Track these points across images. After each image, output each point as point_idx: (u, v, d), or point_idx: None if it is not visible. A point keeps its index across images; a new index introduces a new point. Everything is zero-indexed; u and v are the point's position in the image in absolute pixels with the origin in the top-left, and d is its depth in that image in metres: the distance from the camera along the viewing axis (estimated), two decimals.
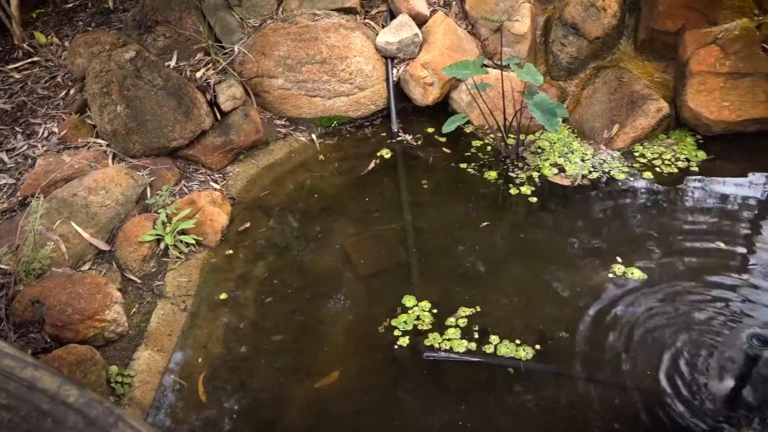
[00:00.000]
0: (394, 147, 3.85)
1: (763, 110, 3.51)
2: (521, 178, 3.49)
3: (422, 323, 2.67)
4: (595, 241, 3.06)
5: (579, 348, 2.54)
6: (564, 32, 4.03)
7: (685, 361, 2.45)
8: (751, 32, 3.63)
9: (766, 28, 3.66)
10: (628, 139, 3.62)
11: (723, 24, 3.75)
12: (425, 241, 3.15)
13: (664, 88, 3.84)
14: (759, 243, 2.99)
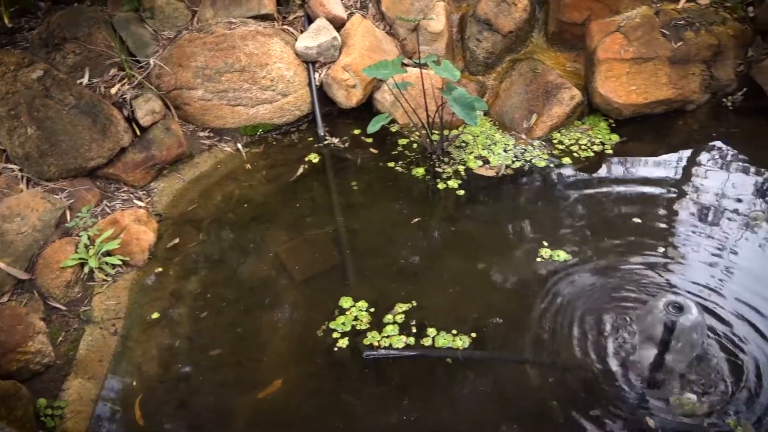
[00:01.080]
0: (322, 151, 3.85)
1: (666, 92, 3.72)
2: (448, 172, 3.56)
3: (360, 323, 2.68)
4: (522, 227, 3.16)
5: (513, 332, 2.62)
6: (478, 28, 4.14)
7: (611, 334, 2.57)
8: (651, 19, 3.85)
9: (663, 15, 3.88)
10: (546, 128, 3.76)
11: (625, 12, 3.96)
12: (359, 242, 3.17)
13: (576, 76, 4.01)
14: (672, 217, 3.17)
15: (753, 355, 2.44)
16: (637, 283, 2.78)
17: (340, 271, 3.01)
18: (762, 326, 2.55)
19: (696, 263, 2.89)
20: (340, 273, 2.99)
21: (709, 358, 2.44)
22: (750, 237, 3.02)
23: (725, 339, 2.51)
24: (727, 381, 2.37)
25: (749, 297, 2.68)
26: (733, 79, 3.85)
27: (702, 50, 3.74)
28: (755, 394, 2.32)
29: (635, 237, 3.04)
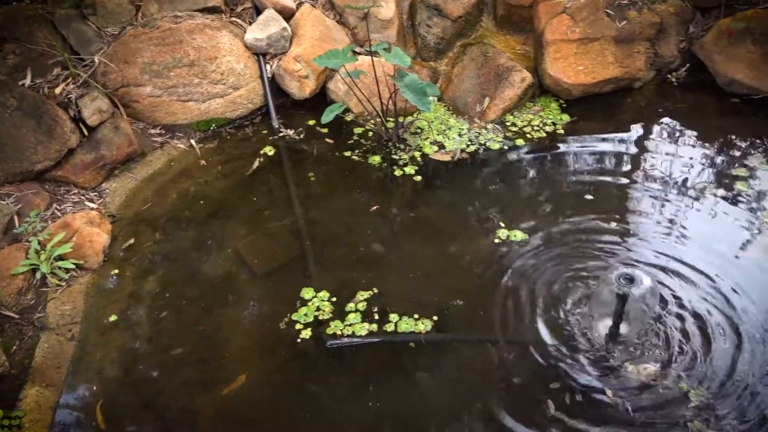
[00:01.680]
0: (277, 143, 3.82)
1: (613, 71, 3.80)
2: (404, 159, 3.58)
3: (323, 313, 2.68)
4: (479, 210, 3.20)
5: (473, 312, 2.66)
6: (428, 14, 4.15)
7: (568, 309, 2.63)
8: (596, 0, 3.91)
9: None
10: (499, 110, 3.80)
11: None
12: (318, 232, 3.16)
13: (526, 59, 4.06)
14: (622, 192, 3.25)
15: (704, 321, 2.53)
16: (592, 258, 2.85)
17: (301, 262, 3.00)
18: (711, 292, 2.64)
19: (648, 235, 2.97)
20: (301, 264, 2.98)
21: (662, 326, 2.52)
22: (698, 207, 3.12)
23: (677, 307, 2.60)
24: (679, 347, 2.45)
25: (701, 265, 2.77)
26: (677, 56, 3.95)
27: (645, 29, 3.83)
28: (705, 358, 2.41)
29: (589, 213, 3.10)
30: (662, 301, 2.60)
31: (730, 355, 2.41)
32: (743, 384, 2.31)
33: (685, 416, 2.22)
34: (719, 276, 2.71)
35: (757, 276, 2.71)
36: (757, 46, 3.68)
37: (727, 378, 2.34)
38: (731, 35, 3.69)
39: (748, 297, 2.61)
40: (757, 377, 2.32)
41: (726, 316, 2.54)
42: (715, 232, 2.96)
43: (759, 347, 2.42)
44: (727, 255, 2.82)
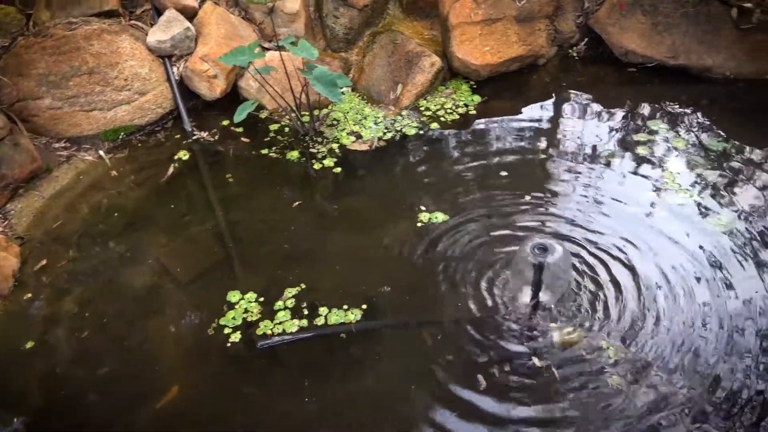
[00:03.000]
0: (192, 147, 3.73)
1: (518, 49, 3.93)
2: (323, 152, 3.57)
3: (251, 314, 2.66)
4: (400, 196, 3.25)
5: (401, 297, 2.71)
6: (335, 5, 4.14)
7: (492, 284, 2.71)
8: None
9: None
10: (412, 96, 3.85)
11: None
12: (241, 233, 3.12)
13: (435, 43, 4.12)
14: (535, 166, 3.38)
15: (618, 282, 2.68)
16: (511, 232, 2.95)
17: (226, 265, 2.95)
18: (624, 254, 2.80)
19: (562, 204, 3.10)
20: (226, 268, 2.94)
21: (580, 290, 2.65)
22: (606, 174, 3.28)
23: (593, 271, 2.73)
24: (597, 308, 2.58)
25: (613, 229, 2.92)
26: (575, 31, 4.12)
27: (544, 6, 3.97)
28: (622, 316, 2.55)
29: (506, 189, 3.21)
30: (579, 266, 2.73)
31: (645, 312, 2.56)
32: (657, 338, 2.46)
33: (606, 373, 2.34)
34: (630, 238, 2.87)
35: (665, 235, 2.88)
36: (647, 16, 3.88)
37: (642, 333, 2.48)
38: (622, 8, 3.88)
39: (659, 256, 2.78)
40: (671, 331, 2.48)
41: (639, 276, 2.70)
42: (624, 197, 3.12)
43: (670, 302, 2.58)
44: (636, 217, 2.99)
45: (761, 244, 2.80)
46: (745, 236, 2.85)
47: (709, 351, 2.39)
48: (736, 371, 2.31)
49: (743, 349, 2.39)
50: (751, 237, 2.85)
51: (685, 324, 2.49)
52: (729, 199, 3.06)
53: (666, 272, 2.70)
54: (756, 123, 3.52)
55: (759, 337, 2.42)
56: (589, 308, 2.59)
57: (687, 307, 2.55)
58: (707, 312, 2.53)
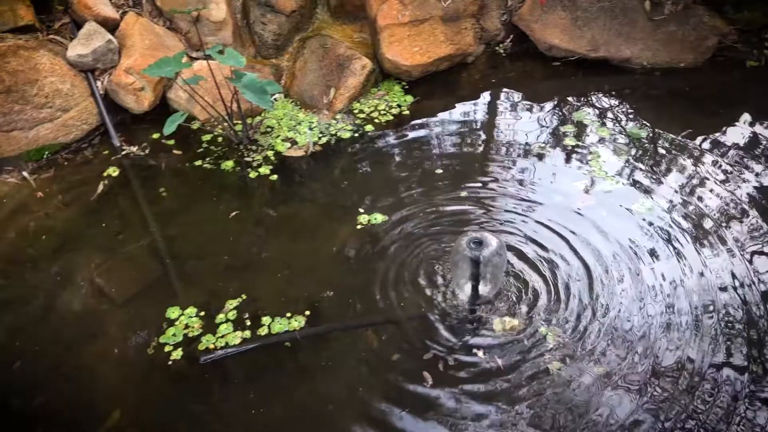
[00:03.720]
0: (122, 162, 3.62)
1: (446, 48, 4.00)
2: (258, 160, 3.54)
3: (192, 330, 2.61)
4: (338, 200, 3.25)
5: (344, 300, 2.71)
6: (261, 11, 4.11)
7: (431, 279, 2.75)
8: None
9: None
10: (346, 100, 3.86)
11: None
12: (179, 248, 3.06)
13: (365, 46, 4.15)
14: (468, 162, 3.45)
15: (555, 269, 2.76)
16: (450, 227, 3.00)
17: (164, 282, 2.88)
18: (558, 243, 2.89)
19: (497, 197, 3.18)
20: (164, 284, 2.87)
21: (518, 281, 2.72)
22: (540, 165, 3.38)
23: (530, 260, 2.81)
24: (535, 297, 2.66)
25: (547, 219, 3.02)
26: (501, 29, 4.23)
27: (469, 6, 4.06)
28: (558, 302, 2.63)
29: (442, 186, 3.26)
30: (515, 257, 2.81)
31: (580, 297, 2.65)
32: (593, 322, 2.55)
33: (546, 358, 2.42)
34: (563, 227, 2.96)
35: (594, 222, 3.00)
36: (567, 12, 4.02)
37: (577, 317, 2.57)
38: (543, 4, 4.01)
39: (590, 242, 2.88)
40: (606, 314, 2.58)
41: (571, 262, 2.79)
42: (556, 187, 3.23)
43: (602, 286, 2.68)
44: (568, 206, 3.09)
45: (684, 226, 2.95)
46: (668, 218, 2.99)
47: (643, 331, 2.50)
48: (668, 348, 2.43)
49: (674, 327, 2.51)
50: (674, 219, 2.99)
51: (618, 306, 2.60)
52: (652, 183, 3.21)
53: (597, 257, 2.81)
54: (672, 109, 3.71)
55: (687, 315, 2.55)
56: (529, 296, 2.66)
57: (618, 290, 2.66)
58: (639, 294, 2.64)
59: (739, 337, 2.45)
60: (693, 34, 3.91)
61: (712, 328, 2.49)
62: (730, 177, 3.22)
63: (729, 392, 2.27)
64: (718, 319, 2.52)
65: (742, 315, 2.53)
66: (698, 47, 3.91)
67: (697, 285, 2.66)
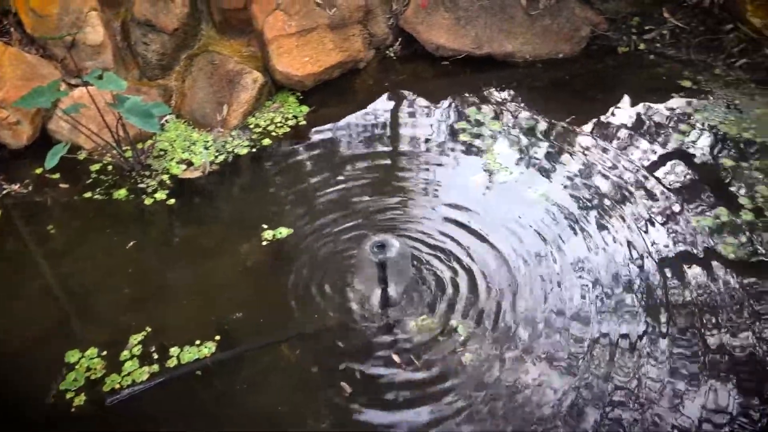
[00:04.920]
0: (3, 202, 3.38)
1: (336, 56, 4.01)
2: (153, 185, 3.40)
3: (95, 372, 2.46)
4: (240, 217, 3.19)
5: (255, 319, 2.66)
6: (142, 31, 3.97)
7: (340, 288, 2.75)
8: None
9: None
10: (240, 115, 3.79)
11: None
12: (75, 286, 2.89)
13: (255, 59, 4.09)
14: (369, 166, 3.47)
15: (461, 264, 2.83)
16: (355, 233, 3.00)
17: (61, 324, 2.72)
18: (463, 237, 2.96)
19: (402, 199, 3.22)
20: (61, 326, 2.70)
21: (426, 279, 2.77)
22: (438, 163, 3.46)
23: (437, 258, 2.86)
24: (445, 293, 2.71)
25: (451, 215, 3.09)
26: (388, 33, 4.30)
27: (354, 12, 4.09)
28: (466, 294, 2.70)
29: (345, 192, 3.27)
30: (423, 254, 2.85)
31: (488, 285, 2.73)
32: (501, 308, 2.64)
33: (457, 351, 2.47)
34: (466, 220, 3.05)
35: (496, 212, 3.09)
36: (449, 12, 4.15)
37: (485, 305, 2.65)
38: (424, 7, 4.11)
39: (493, 233, 2.98)
40: (514, 300, 2.67)
41: (476, 253, 2.87)
42: (454, 182, 3.32)
43: (507, 273, 2.78)
44: (471, 200, 3.18)
45: (578, 207, 3.11)
46: (562, 202, 3.14)
47: (551, 311, 2.61)
48: (575, 326, 2.55)
49: (581, 306, 2.64)
50: (568, 202, 3.15)
51: (525, 291, 2.70)
52: (544, 169, 3.36)
53: (500, 246, 2.91)
54: (556, 98, 3.90)
55: (588, 290, 2.69)
56: (440, 292, 2.72)
57: (524, 275, 2.77)
58: (543, 276, 2.76)
59: (643, 306, 2.61)
60: (567, 26, 4.14)
61: (616, 301, 2.64)
62: (615, 157, 3.42)
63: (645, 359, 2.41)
64: (623, 291, 2.67)
65: (644, 285, 2.70)
66: (573, 38, 4.14)
67: (597, 262, 2.81)
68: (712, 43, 4.14)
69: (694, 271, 2.75)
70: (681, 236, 2.92)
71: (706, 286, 2.68)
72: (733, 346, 2.43)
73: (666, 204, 3.10)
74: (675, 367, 2.37)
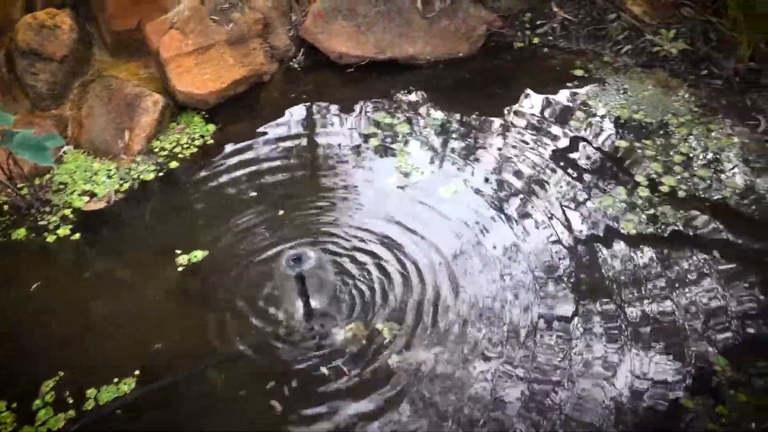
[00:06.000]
0: None
1: (238, 71, 3.95)
2: (54, 221, 3.23)
3: (5, 427, 2.31)
4: (153, 244, 3.09)
5: (176, 349, 2.58)
6: (29, 61, 3.76)
7: (262, 306, 2.71)
8: (199, 9, 3.99)
9: (209, 2, 4.06)
10: (143, 140, 3.66)
11: (173, 8, 4.02)
12: None
13: (154, 81, 3.96)
14: (280, 178, 3.44)
15: (380, 265, 2.85)
16: (273, 249, 2.96)
17: None
18: (380, 240, 2.99)
19: (318, 207, 3.21)
20: None
21: (349, 286, 2.77)
22: (352, 169, 3.47)
23: (357, 265, 2.87)
24: (368, 298, 2.72)
25: (368, 217, 3.11)
26: (290, 44, 4.28)
27: (252, 26, 4.05)
28: (389, 295, 2.72)
29: (258, 207, 3.22)
30: (342, 260, 2.85)
31: (410, 284, 2.76)
32: (421, 312, 2.67)
33: (384, 353, 2.49)
34: (384, 224, 3.08)
35: (413, 214, 3.14)
36: (348, 20, 4.18)
37: (408, 304, 2.68)
38: (320, 17, 4.13)
39: (409, 232, 3.02)
40: (436, 295, 2.72)
41: (399, 256, 2.90)
42: (372, 187, 3.34)
43: (428, 269, 2.83)
44: (386, 202, 3.21)
45: (493, 199, 3.21)
46: (475, 195, 3.23)
47: (474, 302, 2.68)
48: (499, 314, 2.62)
49: (501, 295, 2.71)
50: (480, 196, 3.24)
51: (447, 285, 2.75)
52: (455, 167, 3.44)
53: (419, 246, 2.95)
54: (460, 96, 4.00)
55: (506, 279, 2.77)
56: (362, 300, 2.72)
57: (446, 269, 2.82)
58: (462, 271, 2.82)
59: (561, 289, 2.72)
60: (464, 26, 4.26)
61: (535, 287, 2.73)
62: (520, 149, 3.55)
63: (568, 338, 2.51)
64: (542, 276, 2.77)
65: (558, 269, 2.81)
66: (471, 37, 4.26)
67: (514, 251, 2.91)
68: (599, 32, 4.36)
69: (604, 250, 2.90)
70: (587, 218, 3.07)
71: (618, 262, 2.83)
72: (653, 315, 2.59)
73: (571, 189, 3.25)
74: (600, 341, 2.49)
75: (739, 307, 2.62)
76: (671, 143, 3.46)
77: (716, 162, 3.35)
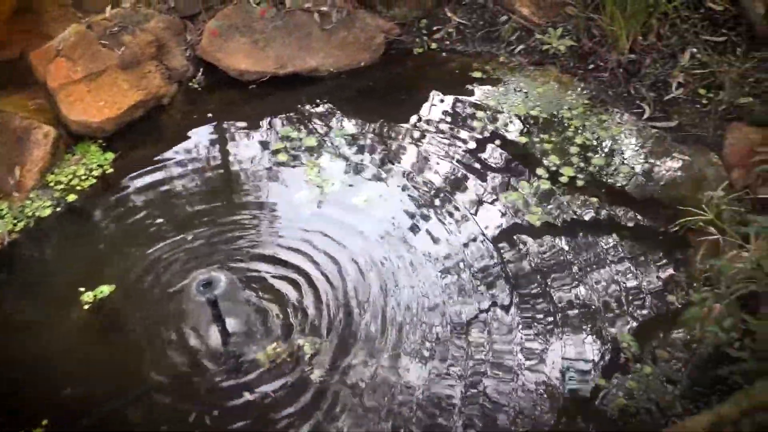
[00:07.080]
0: None
1: (134, 95, 3.81)
2: None
3: None
4: (53, 286, 2.93)
5: (86, 391, 2.46)
6: None
7: (178, 334, 2.63)
8: (85, 34, 3.83)
9: (97, 27, 3.91)
10: (36, 175, 3.46)
11: (57, 35, 3.84)
12: None
13: (45, 112, 3.76)
14: (186, 202, 3.34)
15: (296, 283, 2.83)
16: (183, 277, 2.87)
17: None
18: (298, 257, 2.96)
19: (228, 230, 3.14)
20: None
21: (264, 306, 2.73)
22: (262, 187, 3.43)
23: (272, 280, 2.84)
24: (285, 316, 2.70)
25: (282, 237, 3.09)
26: (187, 65, 4.18)
27: (145, 48, 3.92)
28: (308, 310, 2.71)
29: (166, 236, 3.12)
30: (260, 280, 2.81)
31: (326, 298, 2.76)
32: (339, 323, 2.68)
33: (307, 371, 2.47)
34: (300, 239, 3.06)
35: (328, 227, 3.13)
36: (245, 37, 4.13)
37: (326, 317, 2.68)
38: (216, 35, 4.06)
39: (328, 246, 3.01)
40: (358, 306, 2.72)
41: (317, 271, 2.89)
42: (286, 205, 3.30)
43: (350, 280, 2.83)
44: (298, 219, 3.19)
45: (400, 208, 3.25)
46: (386, 204, 3.27)
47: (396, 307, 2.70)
48: (424, 317, 2.66)
49: (424, 298, 2.75)
50: (391, 203, 3.28)
51: (362, 295, 2.77)
52: (364, 175, 3.47)
53: (333, 257, 2.95)
54: (365, 106, 4.04)
55: (427, 281, 2.82)
56: (279, 318, 2.69)
57: (357, 280, 2.83)
58: (379, 276, 2.85)
59: (484, 285, 2.79)
60: (363, 36, 4.30)
61: (457, 287, 2.79)
62: (425, 153, 3.63)
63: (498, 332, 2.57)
64: (463, 275, 2.84)
65: (478, 266, 2.88)
66: (370, 46, 4.31)
67: (430, 254, 2.97)
68: (493, 34, 4.52)
69: (512, 243, 3.00)
70: (495, 215, 3.18)
71: (526, 254, 2.94)
72: (561, 303, 2.70)
73: (478, 188, 3.35)
74: (531, 330, 2.58)
75: (642, 283, 2.79)
76: (567, 136, 3.63)
77: (609, 150, 3.55)
